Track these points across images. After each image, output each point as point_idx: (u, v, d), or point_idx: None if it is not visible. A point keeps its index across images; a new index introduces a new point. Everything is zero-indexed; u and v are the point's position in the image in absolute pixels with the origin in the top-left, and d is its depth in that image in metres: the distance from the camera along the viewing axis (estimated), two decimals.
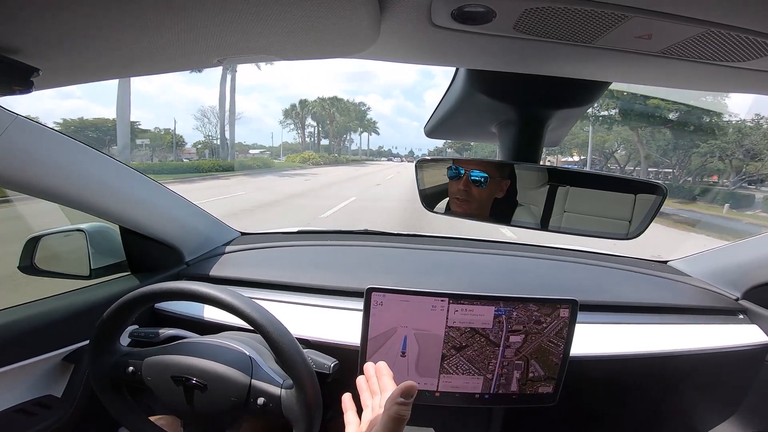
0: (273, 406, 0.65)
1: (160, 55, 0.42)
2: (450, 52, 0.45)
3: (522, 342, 0.82)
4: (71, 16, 0.31)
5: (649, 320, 1.01)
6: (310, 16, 0.33)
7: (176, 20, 0.33)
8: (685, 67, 0.43)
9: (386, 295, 0.79)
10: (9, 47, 0.35)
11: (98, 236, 0.96)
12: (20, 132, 0.64)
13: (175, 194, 1.04)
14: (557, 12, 0.33)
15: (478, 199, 0.59)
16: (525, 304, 0.80)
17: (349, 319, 0.91)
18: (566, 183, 0.57)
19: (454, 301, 0.79)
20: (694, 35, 0.35)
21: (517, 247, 1.34)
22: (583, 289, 1.08)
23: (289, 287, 1.02)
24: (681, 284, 1.14)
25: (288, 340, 0.63)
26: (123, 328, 0.73)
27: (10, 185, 0.67)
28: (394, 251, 1.24)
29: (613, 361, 0.93)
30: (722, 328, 1.01)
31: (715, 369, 1.02)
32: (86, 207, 0.80)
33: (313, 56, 0.45)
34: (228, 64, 0.46)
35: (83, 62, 0.43)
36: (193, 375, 0.66)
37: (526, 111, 0.57)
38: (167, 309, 0.99)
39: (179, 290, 0.66)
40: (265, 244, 1.22)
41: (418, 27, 0.38)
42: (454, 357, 0.81)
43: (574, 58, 0.44)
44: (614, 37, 0.37)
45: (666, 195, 0.55)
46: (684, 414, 1.11)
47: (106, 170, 0.82)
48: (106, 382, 0.71)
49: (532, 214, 0.58)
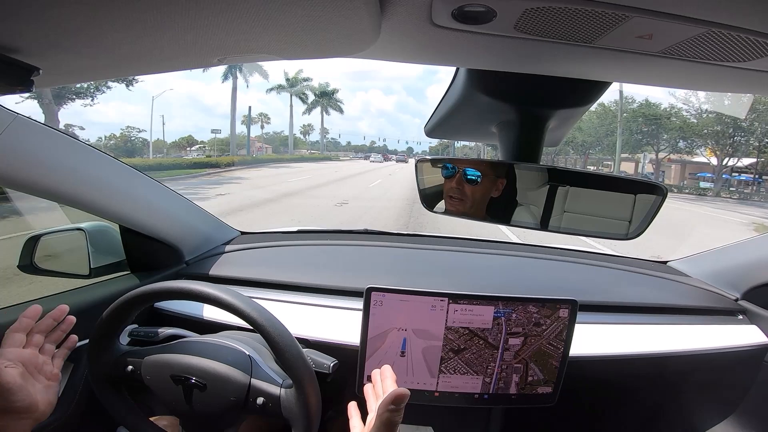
0: (272, 406, 0.65)
1: (160, 55, 0.42)
2: (450, 52, 0.45)
3: (521, 345, 0.82)
4: (71, 15, 0.31)
5: (649, 320, 1.01)
6: (310, 16, 0.33)
7: (176, 20, 0.33)
8: (685, 67, 0.43)
9: (386, 294, 0.79)
10: (9, 47, 0.35)
11: (98, 235, 0.96)
12: (20, 131, 0.63)
13: (174, 193, 1.04)
14: (557, 12, 0.33)
15: (472, 197, 0.59)
16: (524, 305, 0.80)
17: (349, 318, 0.91)
18: (566, 183, 0.57)
19: (453, 300, 0.79)
20: (694, 35, 0.35)
21: (517, 247, 1.34)
22: (582, 289, 1.08)
23: (288, 287, 1.02)
24: (681, 285, 1.14)
25: (288, 340, 0.63)
26: (122, 328, 0.72)
27: (10, 184, 0.67)
28: (393, 251, 1.24)
29: (613, 361, 0.93)
30: (722, 328, 1.01)
31: (714, 369, 1.02)
32: (86, 206, 0.80)
33: (313, 56, 0.45)
34: (228, 64, 0.46)
35: (83, 61, 0.43)
36: (192, 374, 0.66)
37: (526, 111, 0.57)
38: (167, 308, 0.99)
39: (179, 289, 0.66)
40: (265, 244, 1.22)
41: (418, 27, 0.38)
42: (452, 360, 0.81)
43: (574, 58, 0.44)
44: (615, 37, 0.37)
45: (666, 195, 0.55)
46: (683, 414, 1.11)
47: (106, 169, 0.82)
48: (106, 382, 0.71)
49: (532, 214, 0.58)
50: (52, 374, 0.59)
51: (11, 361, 0.54)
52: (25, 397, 0.53)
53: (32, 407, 0.54)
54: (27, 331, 0.58)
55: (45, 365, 0.59)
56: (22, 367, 0.55)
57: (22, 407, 0.53)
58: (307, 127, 48.85)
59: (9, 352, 0.55)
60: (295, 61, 0.47)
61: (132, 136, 29.14)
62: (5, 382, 0.51)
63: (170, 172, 15.04)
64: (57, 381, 0.60)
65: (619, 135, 21.00)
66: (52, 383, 0.59)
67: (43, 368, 0.58)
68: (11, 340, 0.56)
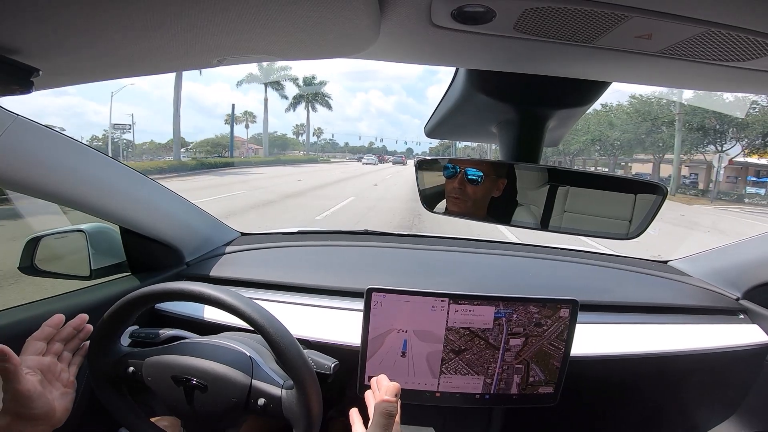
0: (273, 407, 0.65)
1: (160, 55, 0.42)
2: (450, 52, 0.45)
3: (522, 345, 0.82)
4: (71, 16, 0.31)
5: (650, 320, 1.01)
6: (310, 17, 0.33)
7: (176, 20, 0.33)
8: (685, 67, 0.43)
9: (386, 295, 0.79)
10: (9, 47, 0.35)
11: (98, 237, 0.96)
12: (20, 132, 0.64)
13: (175, 194, 1.04)
14: (557, 12, 0.33)
15: (473, 197, 0.59)
16: (525, 305, 0.80)
17: (350, 319, 0.91)
18: (566, 183, 0.57)
19: (454, 301, 0.79)
20: (694, 35, 0.35)
21: (518, 247, 1.34)
22: (583, 289, 1.08)
23: (289, 287, 1.02)
24: (681, 284, 1.14)
25: (288, 341, 0.63)
26: (123, 329, 0.73)
27: (10, 185, 0.67)
28: (394, 251, 1.24)
29: (614, 361, 0.93)
30: (722, 328, 1.01)
31: (715, 369, 1.02)
32: (86, 207, 0.80)
33: (313, 56, 0.45)
34: (228, 64, 0.47)
35: (83, 62, 0.43)
36: (193, 375, 0.66)
37: (526, 111, 0.57)
38: (168, 309, 0.99)
39: (180, 291, 0.66)
40: (265, 245, 1.22)
41: (418, 27, 0.38)
42: (453, 361, 0.81)
43: (574, 58, 0.44)
44: (614, 37, 0.37)
45: (666, 195, 0.55)
46: (684, 414, 1.11)
47: (106, 170, 0.82)
48: (107, 383, 0.71)
49: (532, 214, 0.58)
50: (68, 381, 0.61)
51: (31, 368, 0.56)
52: (44, 404, 0.55)
53: (50, 414, 0.56)
54: (48, 340, 0.60)
55: (62, 373, 0.60)
56: (41, 375, 0.57)
57: (40, 414, 0.54)
58: (299, 127, 45.87)
59: (29, 360, 0.56)
60: (295, 61, 0.47)
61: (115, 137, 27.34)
62: (26, 390, 0.53)
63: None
64: (72, 388, 0.61)
65: (678, 131, 17.07)
66: (68, 390, 0.60)
67: (60, 376, 0.60)
68: (32, 347, 0.58)
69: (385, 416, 0.58)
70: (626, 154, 22.68)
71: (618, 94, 22.74)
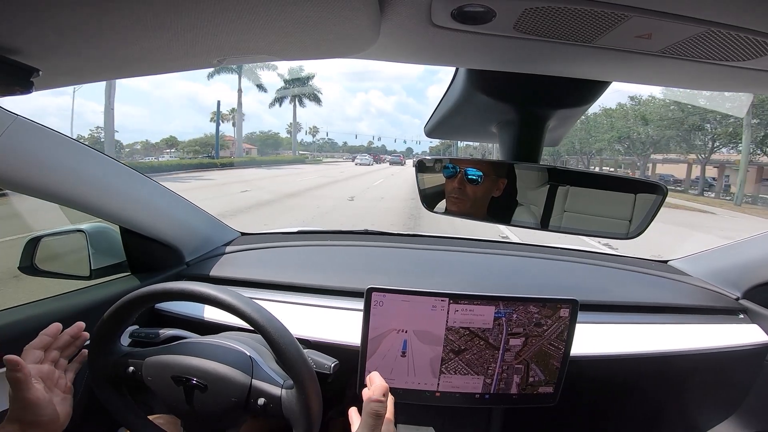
0: (273, 407, 0.65)
1: (160, 56, 0.42)
2: (450, 52, 0.45)
3: (522, 345, 0.82)
4: (71, 16, 0.31)
5: (650, 320, 1.01)
6: (310, 17, 0.33)
7: (176, 20, 0.33)
8: (685, 67, 0.43)
9: (387, 295, 0.79)
10: (9, 47, 0.35)
11: (98, 236, 0.96)
12: (20, 132, 0.64)
13: (174, 194, 1.04)
14: (557, 12, 0.33)
15: (473, 197, 0.59)
16: (525, 305, 0.80)
17: (350, 319, 0.91)
18: (566, 183, 0.57)
19: (454, 301, 0.79)
20: (694, 35, 0.35)
21: (518, 247, 1.34)
22: (583, 289, 1.08)
23: (289, 287, 1.02)
24: (681, 284, 1.14)
25: (288, 341, 0.63)
26: (123, 329, 0.72)
27: (10, 185, 0.67)
28: (394, 251, 1.24)
29: (614, 361, 0.93)
30: (722, 327, 1.01)
31: (715, 369, 1.02)
32: (86, 207, 0.80)
33: (313, 56, 0.45)
34: (228, 65, 0.47)
35: (83, 63, 0.43)
36: (193, 375, 0.66)
37: (526, 111, 0.57)
38: (168, 309, 0.99)
39: (180, 290, 0.66)
40: (265, 245, 1.22)
41: (418, 27, 0.38)
42: (453, 360, 0.81)
43: (574, 57, 0.44)
44: (614, 36, 0.37)
45: (666, 194, 0.55)
46: (684, 414, 1.11)
47: (106, 170, 0.82)
48: (107, 382, 0.71)
49: (532, 213, 0.58)
50: (66, 387, 0.62)
51: (32, 376, 0.56)
52: (51, 411, 0.57)
53: (56, 419, 0.57)
54: (45, 348, 0.61)
55: (60, 379, 0.62)
56: (42, 382, 0.58)
57: (47, 420, 0.56)
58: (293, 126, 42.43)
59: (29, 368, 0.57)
60: (295, 61, 0.47)
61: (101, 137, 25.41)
62: (35, 398, 0.54)
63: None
64: (71, 393, 0.63)
65: (746, 126, 13.80)
66: (67, 396, 0.62)
67: (58, 382, 0.61)
68: (31, 356, 0.59)
69: (372, 416, 0.57)
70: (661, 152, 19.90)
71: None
